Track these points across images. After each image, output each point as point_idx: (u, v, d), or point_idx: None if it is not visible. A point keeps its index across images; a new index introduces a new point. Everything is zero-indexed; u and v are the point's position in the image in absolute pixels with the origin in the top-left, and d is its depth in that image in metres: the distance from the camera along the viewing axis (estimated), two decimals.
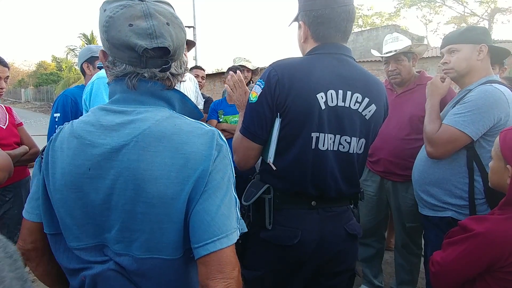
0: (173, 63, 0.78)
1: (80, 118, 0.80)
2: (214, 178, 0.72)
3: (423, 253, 2.24)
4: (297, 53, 1.27)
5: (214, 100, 3.18)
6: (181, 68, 0.82)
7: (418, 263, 2.23)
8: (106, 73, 0.81)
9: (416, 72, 2.12)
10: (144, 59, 0.73)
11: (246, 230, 0.79)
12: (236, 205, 0.76)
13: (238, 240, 1.16)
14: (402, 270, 2.24)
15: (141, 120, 0.73)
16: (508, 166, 1.10)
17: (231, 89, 1.37)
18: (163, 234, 0.72)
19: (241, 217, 0.78)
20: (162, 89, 0.78)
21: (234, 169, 0.81)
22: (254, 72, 3.40)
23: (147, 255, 0.73)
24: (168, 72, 0.77)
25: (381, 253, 2.39)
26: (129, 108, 0.76)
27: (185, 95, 0.84)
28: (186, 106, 0.84)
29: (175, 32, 0.75)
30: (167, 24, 0.74)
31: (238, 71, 1.42)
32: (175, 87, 0.83)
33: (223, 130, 2.83)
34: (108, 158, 0.71)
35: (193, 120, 0.79)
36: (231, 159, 0.78)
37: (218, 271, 0.68)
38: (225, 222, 0.71)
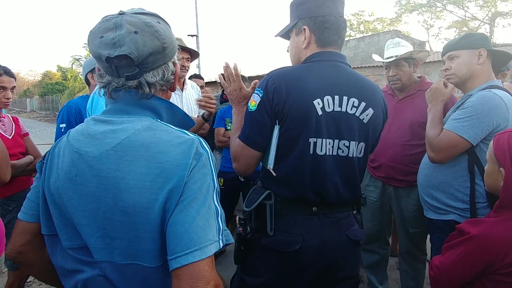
0: (147, 71, 0.77)
1: (76, 127, 0.83)
2: (191, 188, 0.70)
3: (428, 259, 2.22)
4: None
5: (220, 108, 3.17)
6: (164, 76, 0.81)
7: (423, 269, 2.21)
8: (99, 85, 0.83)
9: (417, 77, 2.12)
10: (113, 68, 0.76)
11: (232, 241, 0.76)
12: (217, 216, 0.73)
13: (240, 246, 1.19)
14: (407, 276, 2.22)
15: (121, 130, 0.75)
16: (501, 169, 1.11)
17: (224, 81, 1.30)
18: (140, 242, 0.72)
19: (226, 228, 0.75)
20: (140, 98, 0.79)
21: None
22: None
23: (128, 261, 0.73)
24: (138, 80, 0.77)
25: (386, 259, 2.37)
26: (114, 118, 0.78)
27: (173, 104, 0.84)
28: (174, 115, 0.85)
29: (143, 40, 0.74)
30: (135, 32, 0.74)
31: (234, 63, 1.31)
32: (159, 96, 0.82)
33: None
34: (91, 166, 0.73)
35: (177, 128, 0.78)
36: (212, 168, 0.76)
37: (189, 285, 0.66)
38: (200, 234, 0.68)
